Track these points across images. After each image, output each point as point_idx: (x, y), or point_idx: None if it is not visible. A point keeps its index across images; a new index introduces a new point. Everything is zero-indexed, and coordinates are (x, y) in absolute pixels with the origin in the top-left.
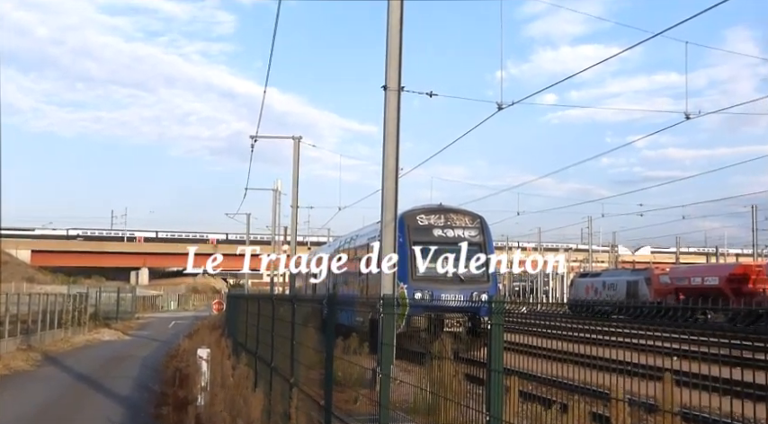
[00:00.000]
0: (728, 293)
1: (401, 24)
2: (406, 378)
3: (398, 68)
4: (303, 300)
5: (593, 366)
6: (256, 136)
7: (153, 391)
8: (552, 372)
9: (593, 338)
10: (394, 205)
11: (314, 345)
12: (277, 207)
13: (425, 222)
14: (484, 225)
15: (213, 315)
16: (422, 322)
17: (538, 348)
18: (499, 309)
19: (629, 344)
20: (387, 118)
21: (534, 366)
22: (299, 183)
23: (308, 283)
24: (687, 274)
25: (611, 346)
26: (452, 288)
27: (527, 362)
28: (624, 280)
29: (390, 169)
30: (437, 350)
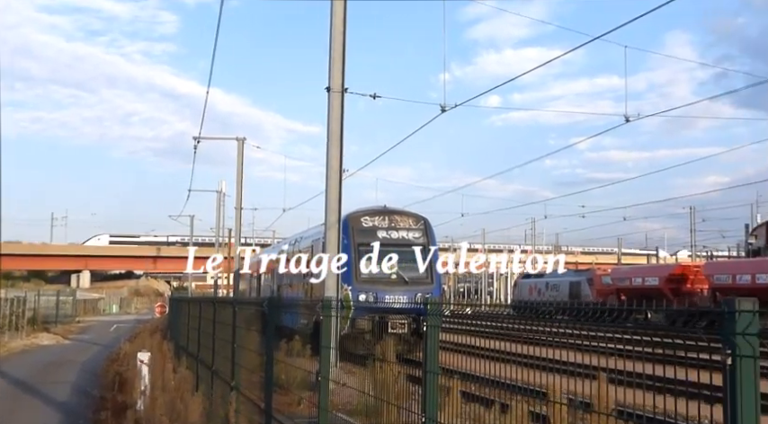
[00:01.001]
0: (668, 293)
1: (344, 26)
2: (350, 380)
3: (342, 70)
4: (244, 303)
5: (533, 365)
6: (199, 138)
7: (92, 396)
8: (494, 372)
9: (532, 338)
10: (338, 206)
11: (255, 348)
12: (221, 208)
13: (370, 223)
14: (428, 227)
15: (156, 318)
16: (366, 323)
17: (480, 349)
18: (434, 311)
19: (566, 344)
20: (330, 119)
21: (477, 367)
22: (243, 185)
23: (252, 285)
24: (628, 275)
25: (548, 345)
26: (397, 290)
27: (470, 363)
28: (567, 281)
29: (334, 170)
30: (380, 352)
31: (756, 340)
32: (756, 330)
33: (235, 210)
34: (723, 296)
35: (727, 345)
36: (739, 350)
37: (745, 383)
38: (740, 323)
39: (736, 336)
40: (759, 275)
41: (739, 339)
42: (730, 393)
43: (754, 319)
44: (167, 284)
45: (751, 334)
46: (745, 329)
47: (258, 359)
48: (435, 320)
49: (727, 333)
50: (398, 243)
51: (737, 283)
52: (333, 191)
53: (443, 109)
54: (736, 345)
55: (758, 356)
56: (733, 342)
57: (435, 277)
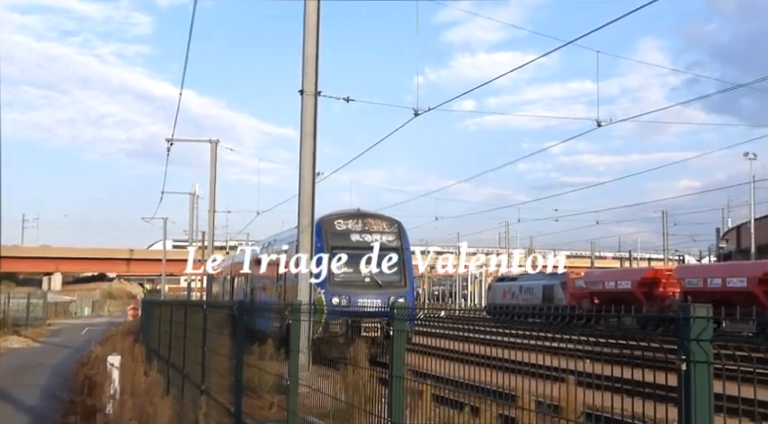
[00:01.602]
0: (640, 297)
1: (317, 28)
2: (323, 383)
3: (315, 73)
4: (214, 306)
5: (504, 368)
6: (172, 140)
7: (61, 399)
8: (465, 375)
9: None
10: (311, 209)
11: (226, 352)
12: (195, 211)
13: (343, 227)
14: (401, 230)
15: (128, 321)
16: (340, 326)
17: (452, 352)
18: (401, 316)
19: (537, 347)
20: (303, 122)
21: (449, 370)
22: (216, 187)
23: (225, 288)
24: (601, 278)
25: (515, 348)
26: (370, 293)
27: (442, 366)
28: (540, 285)
29: (307, 173)
30: (352, 355)
31: (710, 346)
32: (709, 336)
33: (208, 213)
34: (695, 300)
35: (682, 350)
36: (693, 356)
37: (699, 387)
38: (695, 329)
39: (690, 342)
40: (730, 279)
41: (693, 344)
42: (685, 397)
43: (707, 325)
44: (141, 286)
45: (704, 340)
46: (699, 335)
47: (229, 363)
48: (401, 325)
49: (682, 339)
50: (372, 247)
51: (709, 287)
52: (306, 194)
53: (416, 113)
54: (691, 351)
55: (712, 361)
56: (687, 348)
57: (409, 280)
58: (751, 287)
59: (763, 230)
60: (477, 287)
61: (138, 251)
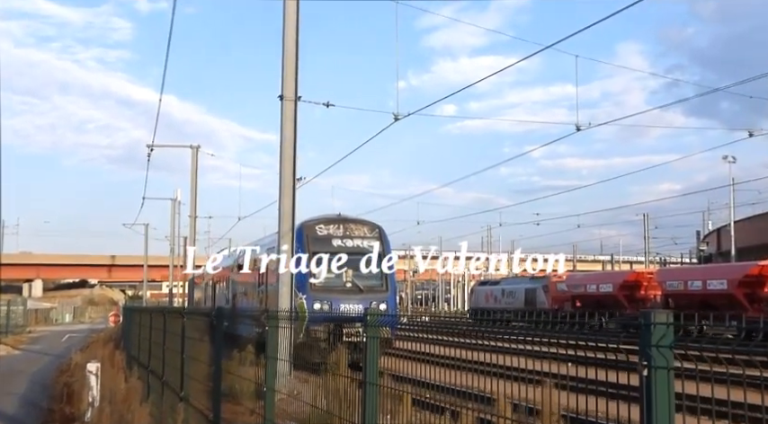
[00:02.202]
0: (622, 299)
1: (297, 33)
2: (304, 389)
3: (295, 78)
4: (193, 313)
5: (483, 372)
6: (153, 145)
7: (40, 408)
8: (446, 379)
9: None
10: (291, 215)
11: (205, 358)
12: (176, 216)
13: (324, 232)
14: (383, 235)
15: (110, 328)
16: (321, 332)
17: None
18: (373, 322)
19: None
20: (283, 127)
21: (430, 374)
22: (197, 193)
23: (207, 294)
24: (583, 281)
25: (497, 352)
26: (352, 298)
27: (423, 370)
28: (522, 288)
29: (288, 179)
30: (333, 361)
31: (669, 352)
32: (669, 342)
33: (189, 218)
34: (676, 302)
35: (643, 356)
36: (654, 362)
37: (659, 393)
38: (655, 335)
39: (651, 348)
40: (710, 281)
41: (654, 350)
42: (646, 402)
43: (667, 331)
44: (123, 293)
45: (664, 346)
46: (659, 341)
47: (207, 370)
48: (374, 331)
49: (643, 345)
50: (353, 252)
51: (689, 289)
52: (286, 200)
53: (396, 118)
54: (652, 356)
55: (672, 367)
56: (648, 354)
57: (390, 285)
58: (731, 290)
59: (743, 232)
60: (460, 291)
61: (119, 257)
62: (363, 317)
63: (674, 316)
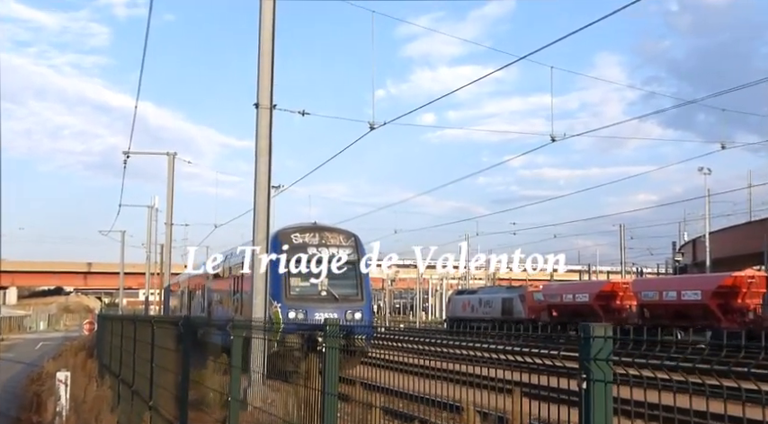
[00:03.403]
0: (598, 309)
1: (273, 40)
2: (277, 398)
3: (271, 86)
4: (162, 322)
5: (452, 380)
6: (129, 152)
7: (9, 417)
8: (416, 388)
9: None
10: (266, 223)
11: (173, 367)
12: (153, 224)
13: (300, 240)
14: (358, 244)
15: (84, 336)
16: (295, 340)
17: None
18: (333, 332)
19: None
20: (259, 135)
21: (402, 383)
22: (173, 200)
23: (183, 302)
24: (559, 291)
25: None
26: (327, 307)
27: (393, 379)
28: (500, 297)
29: (262, 187)
30: (304, 371)
31: (607, 365)
32: (606, 355)
33: (165, 226)
34: (651, 313)
35: (582, 369)
36: (593, 375)
37: (597, 406)
38: (594, 349)
39: (590, 361)
40: (684, 292)
41: (592, 364)
42: (584, 415)
43: (605, 344)
44: (99, 300)
45: (601, 359)
46: (597, 354)
47: (176, 379)
48: (334, 341)
49: (582, 358)
50: (329, 260)
51: (664, 299)
52: (261, 208)
53: (372, 126)
54: (590, 370)
55: (610, 380)
56: (587, 367)
57: (366, 293)
58: (705, 300)
59: (718, 243)
60: (438, 300)
61: (96, 264)
62: (323, 327)
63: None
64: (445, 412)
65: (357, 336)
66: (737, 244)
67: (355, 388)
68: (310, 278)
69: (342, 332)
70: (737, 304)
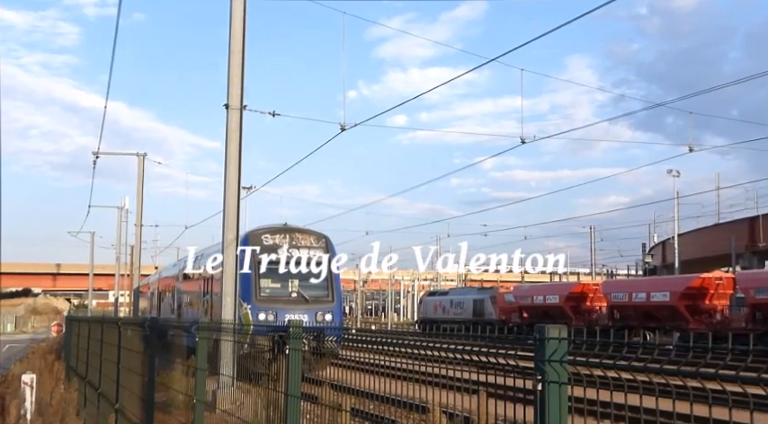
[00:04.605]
0: (568, 311)
1: (243, 39)
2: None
3: (241, 86)
4: (128, 323)
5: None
6: (98, 153)
7: None
8: (385, 389)
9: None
10: (236, 224)
11: (140, 369)
12: (123, 225)
13: (270, 241)
14: (329, 245)
15: (52, 338)
16: (264, 342)
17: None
18: (297, 334)
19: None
20: (229, 137)
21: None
22: (143, 201)
23: (153, 304)
24: (530, 293)
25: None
26: (297, 309)
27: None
28: (471, 299)
29: (232, 188)
30: (274, 372)
31: (561, 367)
32: (560, 356)
33: (135, 227)
34: (621, 314)
35: (537, 370)
36: (547, 376)
37: (551, 406)
38: (548, 350)
39: (544, 362)
40: (653, 293)
41: (547, 365)
42: (539, 415)
43: (560, 346)
44: (68, 302)
45: (556, 361)
46: (552, 355)
47: (142, 381)
48: (297, 343)
49: (537, 359)
50: (299, 262)
51: (634, 301)
52: (231, 209)
53: (343, 128)
54: (545, 371)
55: (565, 381)
56: (542, 368)
57: (336, 295)
58: (673, 302)
59: (687, 245)
60: (410, 302)
61: (65, 265)
62: (285, 328)
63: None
64: (415, 414)
65: (327, 338)
66: (706, 246)
67: (324, 389)
68: (281, 279)
69: (306, 334)
70: (705, 306)
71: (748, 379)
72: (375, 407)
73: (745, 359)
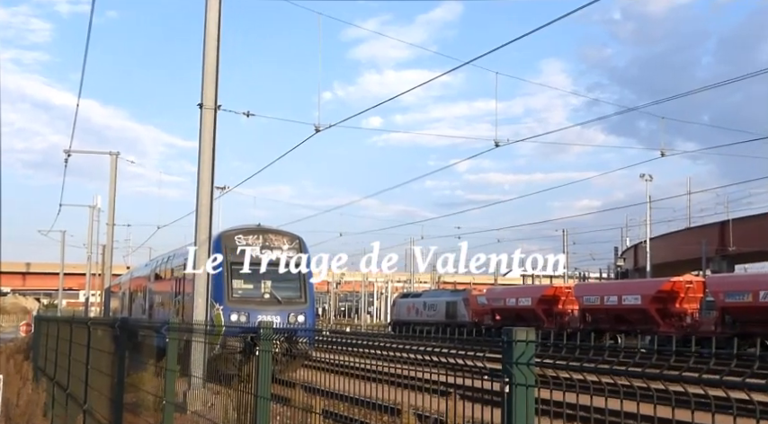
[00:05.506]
0: (540, 313)
1: (218, 39)
2: (216, 401)
3: (215, 86)
4: (98, 323)
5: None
6: (70, 151)
7: None
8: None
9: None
10: (209, 224)
11: (109, 370)
12: (94, 224)
13: (243, 242)
14: (302, 246)
15: (21, 338)
16: (236, 343)
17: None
18: (267, 336)
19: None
20: (202, 137)
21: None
22: (116, 200)
23: (124, 304)
24: (502, 295)
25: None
26: (270, 310)
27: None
28: (443, 301)
29: (205, 188)
30: (246, 373)
31: (528, 369)
32: (527, 359)
33: (107, 226)
34: (592, 317)
35: (505, 373)
36: (515, 379)
37: (518, 409)
38: (516, 352)
39: (512, 365)
40: (625, 296)
41: (515, 368)
42: (507, 417)
43: (527, 348)
44: (37, 301)
45: (523, 363)
46: (519, 358)
47: (111, 382)
48: (267, 344)
49: (504, 361)
50: (272, 263)
51: (605, 304)
52: (204, 209)
53: (317, 129)
54: (513, 374)
55: (532, 384)
56: (509, 371)
57: (309, 296)
58: (645, 305)
59: (658, 249)
60: (383, 303)
61: (35, 264)
62: (255, 329)
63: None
64: (386, 416)
65: (300, 339)
66: (677, 250)
67: (296, 391)
68: (253, 280)
69: (277, 336)
70: (676, 309)
71: (710, 381)
72: (347, 409)
73: (708, 362)
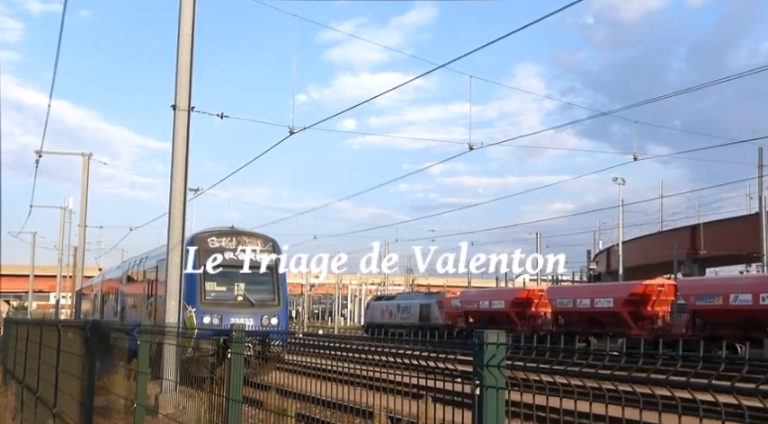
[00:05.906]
0: (513, 316)
1: (192, 40)
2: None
3: (189, 87)
4: (68, 326)
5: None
6: (41, 152)
7: None
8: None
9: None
10: (182, 226)
11: (79, 373)
12: (66, 226)
13: (216, 244)
14: (276, 248)
15: None
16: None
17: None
18: (240, 338)
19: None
20: (176, 138)
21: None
22: (88, 202)
23: (96, 306)
24: (476, 298)
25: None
26: (243, 312)
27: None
28: (417, 303)
29: (178, 190)
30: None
31: (498, 371)
32: (498, 362)
33: (79, 228)
34: (565, 319)
35: (476, 375)
36: (485, 381)
37: (489, 412)
38: (487, 355)
39: (483, 367)
40: (597, 299)
41: (485, 370)
42: (477, 420)
43: (498, 351)
44: (7, 304)
45: (493, 366)
46: (490, 360)
47: (82, 385)
48: (239, 347)
49: (475, 364)
50: (245, 265)
51: (578, 307)
52: (177, 211)
53: (292, 131)
54: (483, 376)
55: (503, 386)
56: (480, 374)
57: (282, 299)
58: (617, 308)
59: (631, 252)
60: (357, 306)
61: (4, 266)
62: (227, 332)
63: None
64: (360, 418)
65: (273, 342)
66: (649, 253)
67: (270, 394)
68: (226, 282)
69: (250, 338)
70: (647, 312)
71: (676, 383)
72: (320, 412)
73: (675, 365)
